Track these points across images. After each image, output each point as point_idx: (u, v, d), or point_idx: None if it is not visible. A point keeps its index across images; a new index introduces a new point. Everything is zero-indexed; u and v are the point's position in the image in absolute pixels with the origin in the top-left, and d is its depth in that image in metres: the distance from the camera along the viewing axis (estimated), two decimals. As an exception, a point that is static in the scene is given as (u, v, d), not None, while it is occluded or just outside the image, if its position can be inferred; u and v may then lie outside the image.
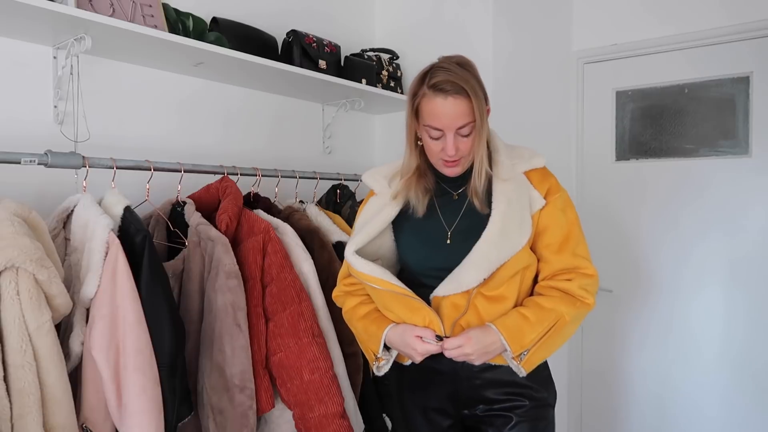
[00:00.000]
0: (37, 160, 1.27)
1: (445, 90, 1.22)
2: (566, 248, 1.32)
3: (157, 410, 1.19)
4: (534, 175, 1.35)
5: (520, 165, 1.34)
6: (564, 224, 1.32)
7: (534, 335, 1.25)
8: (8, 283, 1.04)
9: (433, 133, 1.26)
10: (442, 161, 1.30)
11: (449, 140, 1.25)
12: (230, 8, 1.93)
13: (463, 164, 1.31)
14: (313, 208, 1.80)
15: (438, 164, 1.32)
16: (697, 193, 2.33)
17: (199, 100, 1.87)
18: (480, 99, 1.24)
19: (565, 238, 1.32)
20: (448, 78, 1.22)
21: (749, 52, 2.21)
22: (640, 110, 2.49)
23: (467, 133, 1.26)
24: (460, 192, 1.37)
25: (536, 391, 1.34)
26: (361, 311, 1.40)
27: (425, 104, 1.25)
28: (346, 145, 2.43)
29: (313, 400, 1.43)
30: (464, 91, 1.22)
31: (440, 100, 1.22)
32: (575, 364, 2.62)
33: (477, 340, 1.23)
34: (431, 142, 1.28)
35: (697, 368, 2.33)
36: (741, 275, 2.23)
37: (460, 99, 1.22)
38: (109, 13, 1.42)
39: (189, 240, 1.47)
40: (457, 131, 1.25)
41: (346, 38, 2.35)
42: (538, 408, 1.33)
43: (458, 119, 1.23)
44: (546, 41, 2.50)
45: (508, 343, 1.23)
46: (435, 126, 1.25)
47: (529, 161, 1.35)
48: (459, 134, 1.25)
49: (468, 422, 1.38)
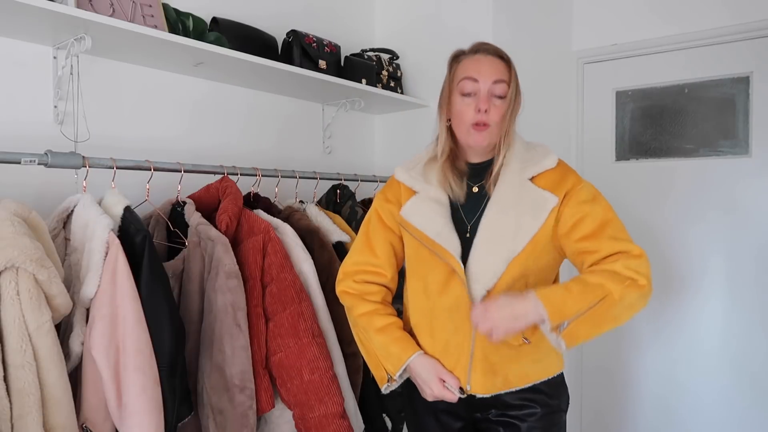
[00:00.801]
0: (37, 160, 1.27)
1: (485, 49, 1.28)
2: (603, 234, 1.20)
3: (157, 410, 1.19)
4: (546, 176, 1.29)
5: (530, 169, 1.29)
6: (594, 213, 1.22)
7: (577, 307, 1.13)
8: (8, 283, 1.04)
9: (467, 86, 1.25)
10: (472, 127, 1.25)
11: (483, 93, 1.24)
12: (230, 8, 1.93)
13: (491, 136, 1.26)
14: (313, 208, 1.80)
15: (468, 132, 1.27)
16: (697, 193, 2.33)
17: (199, 101, 1.87)
18: (515, 71, 1.28)
19: (599, 226, 1.21)
20: (489, 45, 1.29)
21: (749, 52, 2.21)
22: (640, 110, 2.49)
23: (501, 94, 1.25)
24: (479, 185, 1.33)
25: (550, 398, 1.32)
26: (378, 323, 1.34)
27: (463, 64, 1.29)
28: (346, 145, 2.43)
29: (313, 400, 1.43)
30: (504, 56, 1.28)
31: (479, 56, 1.28)
32: (576, 363, 2.62)
33: (501, 304, 1.14)
34: (463, 101, 1.26)
35: (699, 368, 2.33)
36: (742, 275, 2.23)
37: (498, 60, 1.27)
38: (109, 13, 1.42)
39: (189, 240, 1.47)
40: (492, 88, 1.25)
41: (346, 38, 2.35)
42: (551, 414, 1.32)
43: (494, 72, 1.25)
44: (546, 41, 2.49)
45: (547, 312, 1.11)
46: (471, 75, 1.25)
47: (540, 163, 1.30)
48: (493, 94, 1.25)
49: (480, 425, 1.36)
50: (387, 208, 1.40)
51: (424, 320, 1.33)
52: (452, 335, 1.28)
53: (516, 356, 1.28)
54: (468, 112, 1.26)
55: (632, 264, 1.15)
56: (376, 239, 1.40)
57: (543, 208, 1.24)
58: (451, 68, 1.32)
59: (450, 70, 1.32)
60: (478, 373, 1.27)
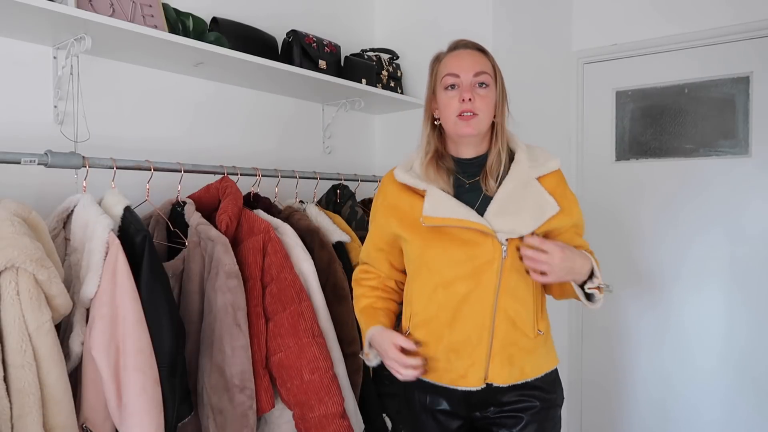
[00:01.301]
0: (37, 160, 1.27)
1: (464, 44, 1.32)
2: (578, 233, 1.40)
3: (157, 410, 1.19)
4: (550, 179, 1.34)
5: (536, 169, 1.33)
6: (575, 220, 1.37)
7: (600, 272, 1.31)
8: (8, 283, 1.04)
9: (449, 80, 1.29)
10: (459, 119, 1.28)
11: (465, 85, 1.27)
12: (230, 8, 1.93)
13: (479, 124, 1.29)
14: (313, 208, 1.80)
15: (456, 124, 1.29)
16: (697, 193, 2.33)
17: (199, 100, 1.87)
18: (495, 62, 1.32)
19: (578, 231, 1.39)
20: (467, 41, 1.33)
21: (749, 51, 2.21)
22: (640, 110, 2.49)
23: (483, 83, 1.28)
24: (472, 181, 1.35)
25: (547, 393, 1.34)
26: (360, 304, 1.45)
27: (443, 62, 1.32)
28: (346, 145, 2.43)
29: (313, 400, 1.43)
30: (482, 49, 1.32)
31: (459, 51, 1.31)
32: (576, 364, 2.62)
33: (567, 256, 1.22)
34: (447, 95, 1.29)
35: (697, 370, 2.33)
36: (741, 276, 2.23)
37: (476, 52, 1.31)
38: (109, 13, 1.42)
39: (189, 240, 1.47)
40: (474, 79, 1.27)
41: (346, 38, 2.35)
42: (548, 409, 1.34)
43: (475, 65, 1.28)
44: (546, 41, 2.50)
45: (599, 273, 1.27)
46: (452, 72, 1.28)
47: (545, 165, 1.34)
48: (476, 84, 1.28)
49: (478, 423, 1.37)
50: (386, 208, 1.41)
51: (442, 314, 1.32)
52: (471, 327, 1.29)
53: (533, 348, 1.32)
54: (453, 104, 1.28)
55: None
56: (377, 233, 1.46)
57: (545, 211, 1.30)
58: (433, 69, 1.36)
59: (432, 71, 1.36)
60: (496, 364, 1.29)
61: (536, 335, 1.32)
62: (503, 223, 1.27)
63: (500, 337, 1.29)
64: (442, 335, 1.32)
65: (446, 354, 1.32)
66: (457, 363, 1.31)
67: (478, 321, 1.29)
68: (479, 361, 1.29)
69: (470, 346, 1.30)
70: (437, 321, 1.32)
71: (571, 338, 2.64)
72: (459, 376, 1.31)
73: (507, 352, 1.29)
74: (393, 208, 1.38)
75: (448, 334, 1.31)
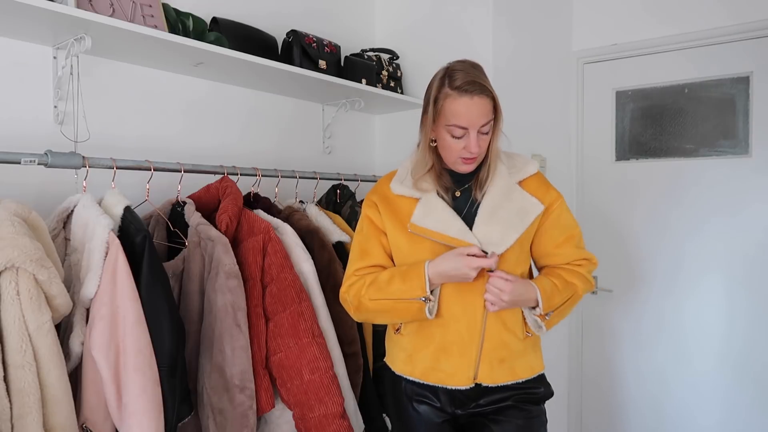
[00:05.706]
0: (37, 160, 1.27)
1: (471, 91, 1.27)
2: (571, 243, 1.43)
3: (157, 410, 1.19)
4: (530, 182, 1.41)
5: (515, 175, 1.41)
6: (568, 225, 1.43)
7: (559, 301, 1.36)
8: (8, 283, 1.04)
9: (456, 131, 1.30)
10: (461, 159, 1.34)
11: (473, 138, 1.30)
12: (230, 8, 1.93)
13: (478, 162, 1.37)
14: (313, 208, 1.80)
15: (456, 162, 1.36)
16: (698, 193, 2.33)
17: (199, 100, 1.87)
18: (497, 98, 1.32)
19: (570, 235, 1.43)
20: (471, 79, 1.28)
21: (749, 52, 2.21)
22: (640, 110, 2.49)
23: (487, 131, 1.32)
24: (463, 189, 1.41)
25: (533, 392, 1.40)
26: (383, 278, 1.35)
27: (449, 105, 1.29)
28: (346, 145, 2.43)
29: (313, 400, 1.43)
30: (487, 91, 1.29)
31: (466, 100, 1.27)
32: (575, 363, 2.63)
33: (517, 287, 1.29)
34: (453, 141, 1.32)
35: (696, 369, 2.33)
36: (741, 275, 2.23)
37: (483, 98, 1.29)
38: (109, 13, 1.42)
39: (189, 240, 1.47)
40: (481, 128, 1.30)
41: (346, 38, 2.35)
42: (535, 404, 1.40)
43: (482, 117, 1.29)
44: (546, 41, 2.50)
45: (542, 301, 1.32)
46: (460, 125, 1.29)
47: (523, 169, 1.42)
48: (480, 132, 1.30)
49: (463, 420, 1.42)
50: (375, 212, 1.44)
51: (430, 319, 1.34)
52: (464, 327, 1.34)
53: (522, 349, 1.37)
54: (457, 148, 1.33)
55: (591, 269, 1.45)
56: (370, 245, 1.44)
57: (530, 212, 1.37)
58: (437, 101, 1.32)
59: (435, 102, 1.32)
60: (486, 364, 1.34)
61: (525, 337, 1.39)
62: (490, 232, 1.33)
63: (491, 337, 1.34)
64: (434, 335, 1.37)
65: (435, 353, 1.36)
66: (446, 363, 1.35)
67: (470, 321, 1.34)
68: (469, 361, 1.34)
69: (462, 345, 1.34)
70: (430, 320, 1.35)
71: (571, 338, 2.64)
72: (447, 375, 1.35)
73: (497, 352, 1.35)
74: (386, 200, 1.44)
75: (440, 334, 1.36)
